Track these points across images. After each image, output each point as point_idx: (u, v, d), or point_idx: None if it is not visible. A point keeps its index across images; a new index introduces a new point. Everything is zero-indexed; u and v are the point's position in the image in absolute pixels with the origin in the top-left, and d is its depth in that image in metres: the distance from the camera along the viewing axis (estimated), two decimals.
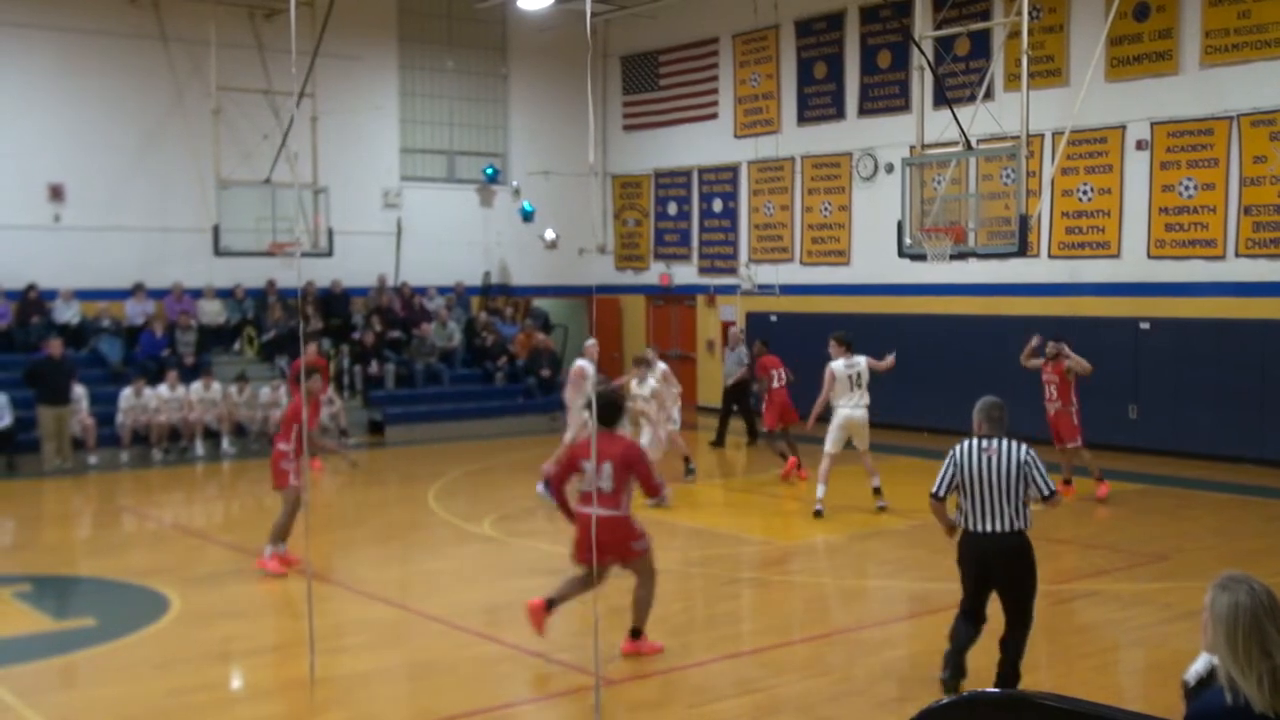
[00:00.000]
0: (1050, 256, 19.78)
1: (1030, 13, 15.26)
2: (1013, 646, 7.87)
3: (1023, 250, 15.43)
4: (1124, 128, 18.87)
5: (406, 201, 25.34)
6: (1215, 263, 17.94)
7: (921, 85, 17.38)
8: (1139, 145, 18.76)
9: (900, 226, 16.27)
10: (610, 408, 8.92)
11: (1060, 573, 11.52)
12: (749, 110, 24.71)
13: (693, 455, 17.27)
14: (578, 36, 26.12)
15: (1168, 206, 18.47)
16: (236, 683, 9.02)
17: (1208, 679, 4.27)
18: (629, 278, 27.56)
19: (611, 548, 8.70)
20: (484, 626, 10.06)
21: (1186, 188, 18.24)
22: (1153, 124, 18.56)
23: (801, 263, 23.79)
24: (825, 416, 14.46)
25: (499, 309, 26.04)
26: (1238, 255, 17.73)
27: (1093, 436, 15.55)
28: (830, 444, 14.24)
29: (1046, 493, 7.70)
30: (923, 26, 17.68)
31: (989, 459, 7.63)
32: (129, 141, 22.22)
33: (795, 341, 20.47)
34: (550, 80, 26.54)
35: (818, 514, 14.02)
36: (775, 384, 17.37)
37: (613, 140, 27.56)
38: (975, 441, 7.72)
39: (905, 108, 21.06)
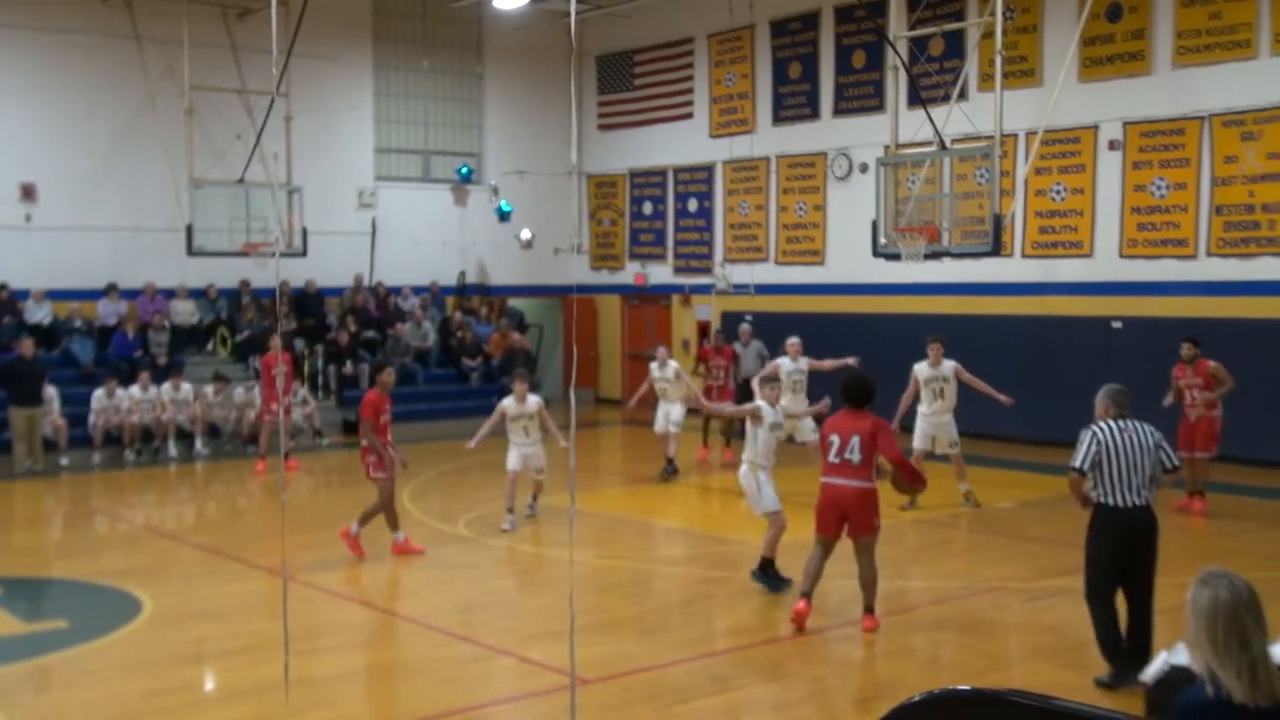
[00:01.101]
0: (1024, 256, 19.88)
1: (1004, 13, 15.34)
2: (1146, 620, 8.25)
3: (996, 250, 15.51)
4: (1097, 128, 18.98)
5: (381, 201, 25.27)
6: (1187, 262, 18.07)
7: (896, 85, 17.44)
8: (1111, 145, 18.87)
9: (875, 226, 16.32)
10: (861, 389, 9.61)
11: (1032, 571, 11.58)
12: (724, 110, 24.74)
13: (676, 456, 17.30)
14: (553, 36, 26.12)
15: (1140, 206, 18.58)
16: (210, 685, 8.98)
17: (1176, 677, 4.33)
18: (604, 277, 27.55)
19: (859, 518, 9.50)
20: (459, 627, 10.05)
21: (1158, 187, 18.36)
22: (1125, 124, 18.68)
23: (776, 262, 23.83)
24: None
25: (474, 309, 26.01)
26: (1209, 255, 17.86)
27: (1061, 435, 15.60)
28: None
29: (1172, 466, 8.36)
30: (897, 27, 17.74)
31: (1129, 437, 8.17)
32: (101, 141, 22.09)
33: (770, 341, 20.50)
34: (526, 80, 26.53)
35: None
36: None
37: (588, 140, 27.56)
38: (1113, 423, 8.24)
39: (880, 107, 21.11)
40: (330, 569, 12.06)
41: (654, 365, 17.55)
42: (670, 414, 17.20)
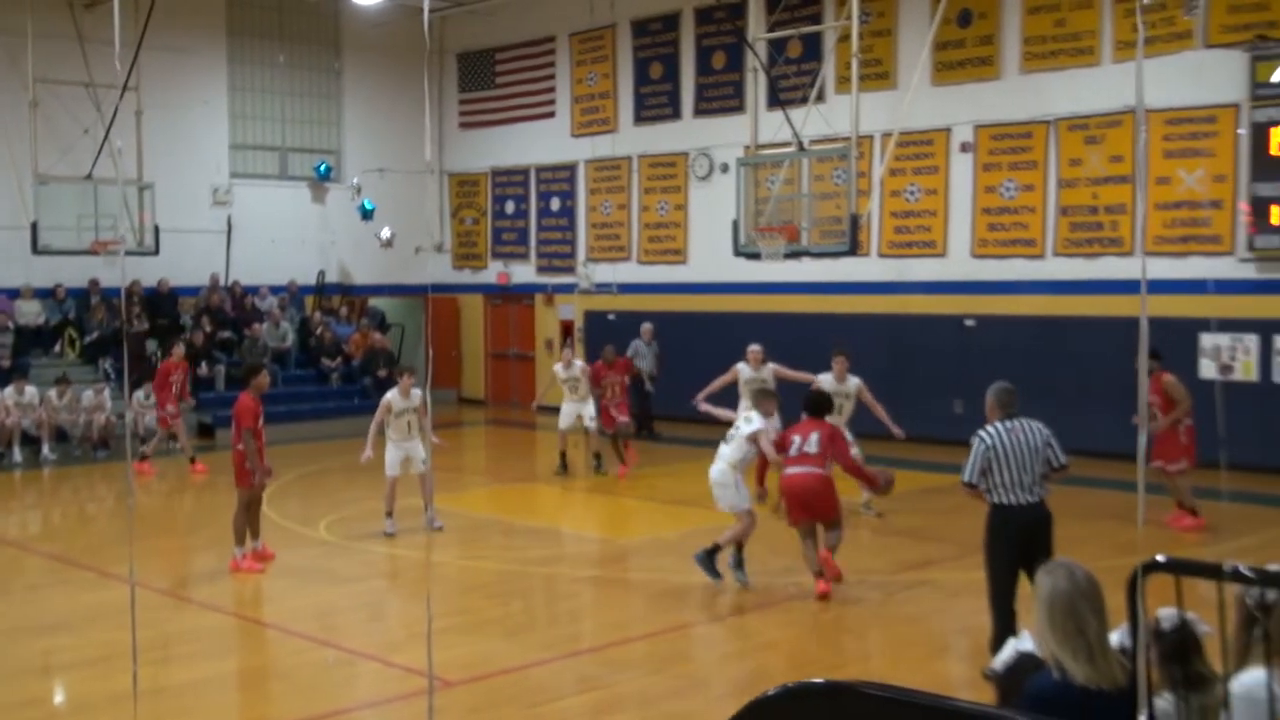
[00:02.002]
0: (880, 255, 20.29)
1: (859, 17, 15.62)
2: None
3: (853, 249, 15.79)
4: (949, 130, 19.48)
5: (237, 199, 24.73)
6: (1035, 261, 18.65)
7: (755, 86, 17.65)
8: (963, 147, 19.39)
9: (735, 225, 16.50)
10: (822, 403, 11.13)
11: (892, 564, 11.84)
12: (586, 109, 24.77)
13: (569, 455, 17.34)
14: (412, 32, 25.82)
15: (990, 207, 19.13)
16: (59, 697, 8.70)
17: (1025, 664, 4.53)
18: (467, 276, 27.37)
19: (819, 505, 10.52)
20: (320, 631, 9.89)
21: (1008, 189, 18.92)
22: (976, 127, 19.20)
23: (639, 261, 23.94)
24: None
25: (334, 308, 25.62)
26: (1055, 254, 18.46)
27: (919, 430, 16.00)
28: None
29: (1059, 464, 8.36)
30: (756, 29, 17.96)
31: (1017, 437, 8.24)
32: None
33: (633, 340, 20.64)
34: (385, 76, 26.19)
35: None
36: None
37: (449, 138, 27.35)
38: (1000, 425, 8.31)
39: (740, 108, 21.34)
40: (187, 575, 11.77)
41: (559, 366, 17.52)
42: (584, 413, 17.16)
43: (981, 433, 8.36)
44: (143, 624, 8.12)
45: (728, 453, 11.23)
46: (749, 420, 11.50)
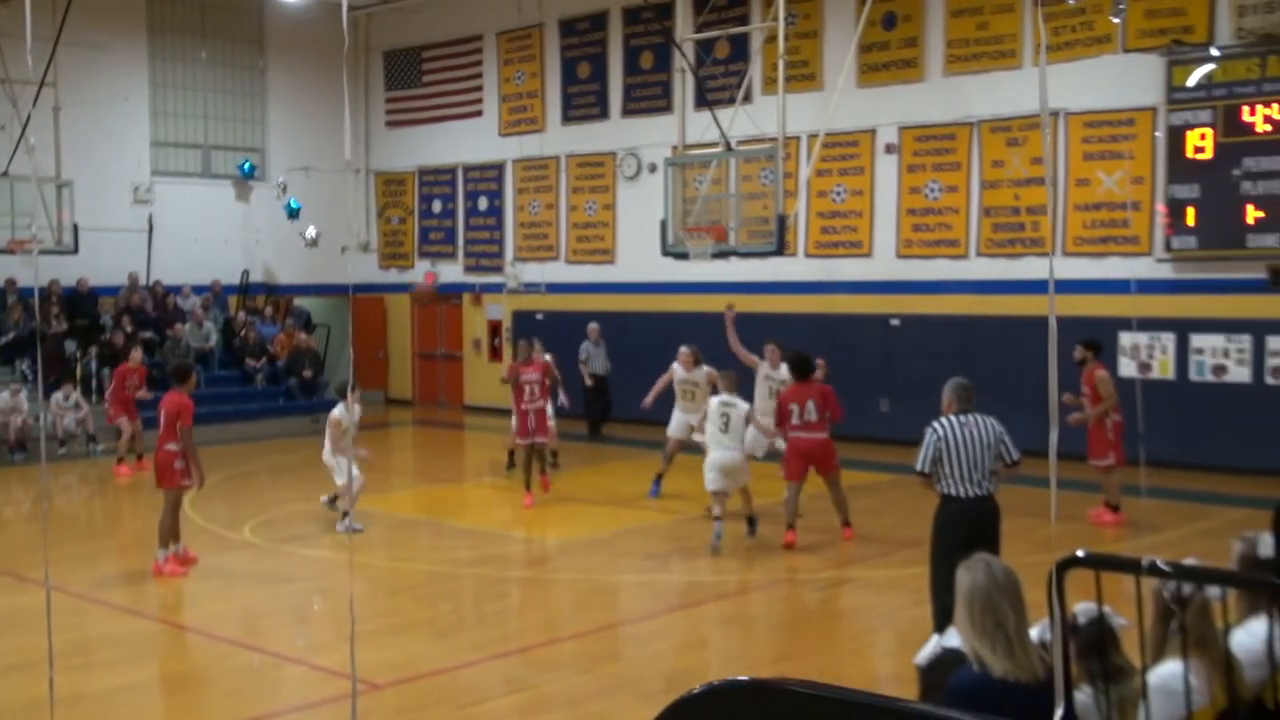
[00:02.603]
0: (807, 255, 20.44)
1: (786, 19, 15.72)
2: None
3: (781, 249, 15.89)
4: (874, 131, 19.66)
5: (158, 197, 24.33)
6: (958, 262, 18.89)
7: (683, 87, 17.69)
8: (888, 149, 19.58)
9: (663, 225, 16.54)
10: (805, 365, 12.63)
11: (818, 561, 11.93)
12: (514, 108, 24.69)
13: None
14: (337, 29, 25.31)
15: (915, 208, 19.34)
16: None
17: (948, 658, 4.59)
18: (393, 276, 27.18)
19: (822, 461, 12.36)
20: (244, 635, 9.77)
21: (932, 190, 19.14)
22: (901, 128, 19.40)
23: (567, 261, 23.91)
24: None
25: (259, 308, 25.30)
26: (978, 255, 18.71)
27: (845, 429, 16.09)
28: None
29: (1011, 459, 8.54)
30: (683, 29, 18.01)
31: (970, 431, 8.46)
32: None
33: (561, 340, 20.57)
34: (310, 74, 25.89)
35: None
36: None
37: (375, 137, 27.13)
38: (954, 418, 8.55)
39: (668, 108, 21.37)
40: (108, 580, 11.57)
41: (678, 368, 16.42)
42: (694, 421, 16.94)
43: (935, 424, 8.59)
44: (62, 629, 7.97)
45: (734, 440, 12.28)
46: (732, 404, 12.39)
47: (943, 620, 8.46)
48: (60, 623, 8.00)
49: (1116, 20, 16.37)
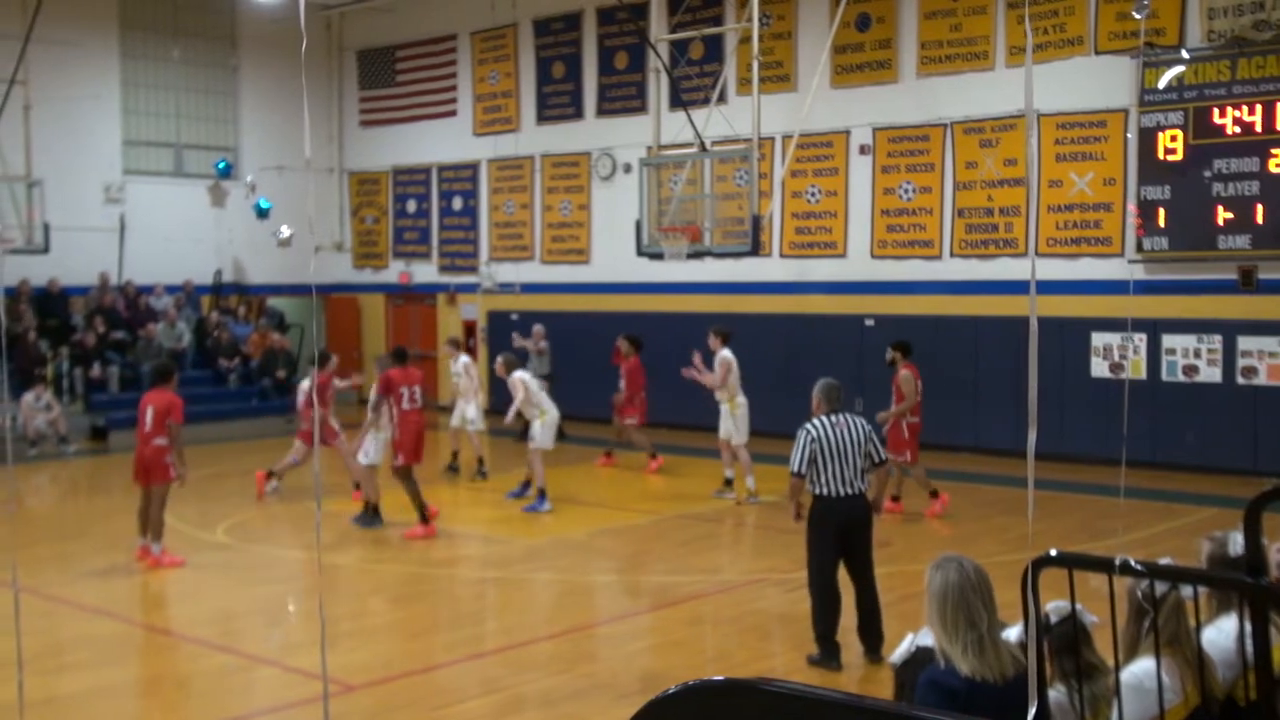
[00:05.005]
0: (782, 256, 20.47)
1: (760, 20, 15.75)
2: (873, 597, 8.78)
3: (755, 250, 15.90)
4: (848, 132, 19.71)
5: (130, 196, 24.19)
6: (932, 262, 18.96)
7: (658, 87, 17.71)
8: (862, 150, 19.63)
9: (638, 226, 16.53)
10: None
11: (792, 562, 11.93)
12: (488, 108, 24.65)
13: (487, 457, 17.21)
14: (311, 29, 25.50)
15: (889, 209, 19.40)
16: None
17: (922, 657, 4.61)
18: (368, 276, 27.09)
19: None
20: (218, 637, 9.72)
21: (906, 190, 19.20)
22: (874, 129, 19.45)
23: (542, 261, 23.88)
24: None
25: (232, 308, 25.18)
26: (952, 255, 18.78)
27: None
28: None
29: (879, 459, 8.84)
30: (658, 29, 18.02)
31: (840, 431, 8.62)
32: None
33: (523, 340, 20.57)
34: (282, 73, 25.80)
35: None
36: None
37: (349, 136, 27.04)
38: (825, 419, 8.69)
39: (642, 109, 21.41)
40: (79, 581, 11.49)
41: (453, 362, 17.41)
42: (466, 411, 17.03)
43: (807, 425, 8.72)
44: (32, 631, 7.92)
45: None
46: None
47: (822, 614, 8.57)
48: (31, 625, 7.95)
49: (1139, 16, 16.51)
